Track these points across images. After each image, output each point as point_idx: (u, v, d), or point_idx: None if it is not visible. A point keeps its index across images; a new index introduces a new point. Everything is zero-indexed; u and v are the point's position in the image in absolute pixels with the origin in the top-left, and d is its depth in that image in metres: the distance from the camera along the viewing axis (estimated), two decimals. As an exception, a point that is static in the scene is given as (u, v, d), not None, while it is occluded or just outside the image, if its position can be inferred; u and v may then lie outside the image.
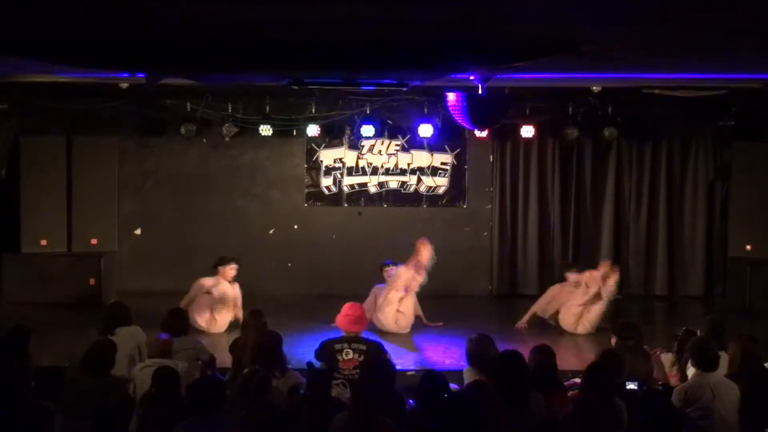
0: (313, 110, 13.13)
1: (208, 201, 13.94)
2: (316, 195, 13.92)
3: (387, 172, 13.94)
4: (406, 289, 11.01)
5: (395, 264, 11.26)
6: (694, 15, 5.60)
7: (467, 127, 10.80)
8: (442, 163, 13.92)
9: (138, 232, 13.92)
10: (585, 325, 11.05)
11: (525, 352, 6.87)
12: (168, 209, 13.95)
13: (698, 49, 7.34)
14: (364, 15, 5.65)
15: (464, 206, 13.98)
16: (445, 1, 5.28)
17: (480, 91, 8.84)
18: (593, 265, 11.56)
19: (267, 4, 5.38)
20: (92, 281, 12.69)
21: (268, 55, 7.67)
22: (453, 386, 6.76)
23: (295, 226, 13.52)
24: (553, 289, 11.60)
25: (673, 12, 5.53)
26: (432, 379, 6.36)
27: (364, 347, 8.04)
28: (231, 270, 11.18)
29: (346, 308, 8.49)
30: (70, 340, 7.77)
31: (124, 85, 11.49)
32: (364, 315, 8.61)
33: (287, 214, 13.86)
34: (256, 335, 7.85)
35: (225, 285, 11.09)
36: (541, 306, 11.51)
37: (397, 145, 13.87)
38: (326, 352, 8.02)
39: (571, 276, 11.42)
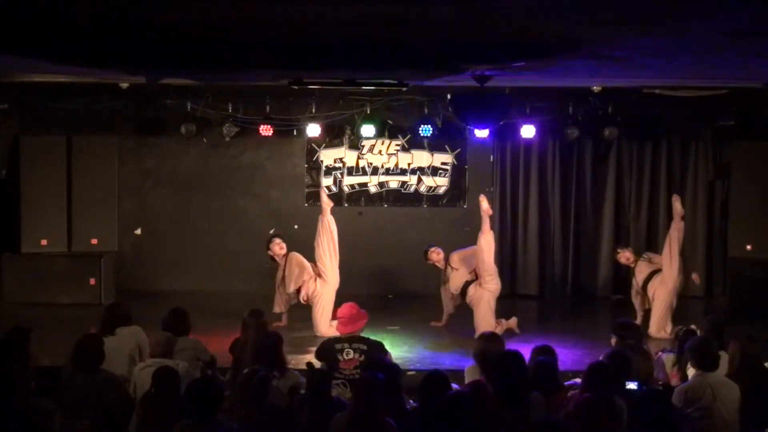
0: (313, 110, 13.13)
1: (207, 201, 13.93)
2: (316, 195, 13.87)
3: (387, 172, 13.93)
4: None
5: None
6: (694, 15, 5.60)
7: (467, 126, 10.84)
8: (443, 163, 13.91)
9: (138, 232, 13.92)
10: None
11: (525, 352, 6.87)
12: (168, 209, 13.94)
13: (698, 51, 7.34)
14: (364, 15, 5.65)
15: (464, 206, 13.95)
16: (445, 1, 5.28)
17: (480, 91, 8.84)
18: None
19: (267, 4, 5.38)
20: (92, 281, 12.69)
21: (268, 55, 7.68)
22: (453, 386, 6.76)
23: (295, 226, 13.50)
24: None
25: (674, 11, 5.53)
26: (433, 379, 6.35)
27: (364, 347, 7.98)
28: (276, 247, 11.15)
29: (338, 312, 8.42)
30: (70, 340, 7.77)
31: (124, 85, 11.50)
32: (357, 313, 8.29)
33: (287, 214, 13.83)
34: (256, 335, 7.84)
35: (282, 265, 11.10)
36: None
37: (397, 145, 13.86)
38: (326, 351, 7.99)
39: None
